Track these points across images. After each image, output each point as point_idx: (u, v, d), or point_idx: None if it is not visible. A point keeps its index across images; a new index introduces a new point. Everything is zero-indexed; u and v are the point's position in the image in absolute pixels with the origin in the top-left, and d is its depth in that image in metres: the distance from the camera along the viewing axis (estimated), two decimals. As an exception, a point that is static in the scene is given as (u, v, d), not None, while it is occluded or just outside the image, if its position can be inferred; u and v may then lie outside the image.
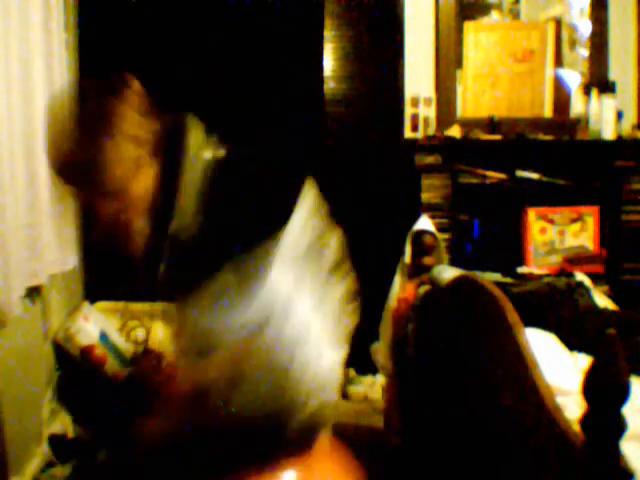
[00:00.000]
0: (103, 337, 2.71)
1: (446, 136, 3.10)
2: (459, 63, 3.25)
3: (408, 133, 3.22)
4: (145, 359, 2.83)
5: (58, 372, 2.60)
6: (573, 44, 3.33)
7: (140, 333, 3.02)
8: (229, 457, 0.97)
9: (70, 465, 2.25)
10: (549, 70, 3.28)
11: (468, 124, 3.16)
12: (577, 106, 3.28)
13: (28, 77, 2.12)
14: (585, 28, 3.29)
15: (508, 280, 2.48)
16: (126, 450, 1.06)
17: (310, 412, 0.97)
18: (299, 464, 1.03)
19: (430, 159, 3.07)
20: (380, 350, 2.37)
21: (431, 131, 3.17)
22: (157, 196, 1.07)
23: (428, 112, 3.21)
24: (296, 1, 3.11)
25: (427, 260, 2.16)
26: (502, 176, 3.09)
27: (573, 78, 3.32)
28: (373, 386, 3.06)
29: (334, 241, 1.08)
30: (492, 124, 3.15)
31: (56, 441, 2.37)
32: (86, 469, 2.15)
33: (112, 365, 2.69)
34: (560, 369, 1.51)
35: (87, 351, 2.63)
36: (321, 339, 1.01)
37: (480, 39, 3.25)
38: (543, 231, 3.17)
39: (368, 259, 3.27)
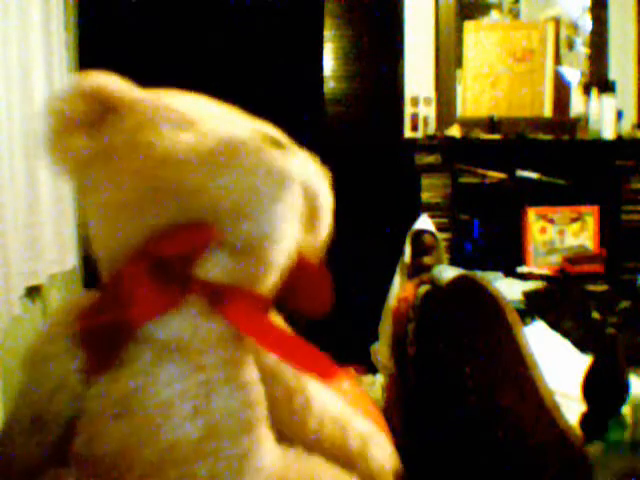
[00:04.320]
0: (103, 337, 2.70)
1: (446, 136, 3.10)
2: (459, 63, 3.25)
3: (408, 133, 3.22)
4: None
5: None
6: (573, 44, 3.33)
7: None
8: None
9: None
10: (549, 70, 3.28)
11: (468, 124, 3.17)
12: (577, 106, 3.29)
13: (28, 77, 2.12)
14: (585, 28, 3.29)
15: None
16: None
17: None
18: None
19: (430, 159, 3.08)
20: (380, 350, 2.37)
21: (431, 131, 3.17)
22: None
23: (428, 112, 3.21)
24: (296, 1, 3.11)
25: (427, 260, 2.16)
26: (502, 176, 3.09)
27: (573, 77, 3.33)
28: (373, 386, 3.06)
29: None
30: (492, 124, 3.15)
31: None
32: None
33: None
34: (571, 375, 1.50)
35: (87, 351, 2.63)
36: None
37: (480, 39, 3.26)
38: (543, 231, 3.17)
39: (368, 259, 3.27)
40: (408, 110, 3.23)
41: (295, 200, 0.93)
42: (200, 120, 0.94)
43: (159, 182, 0.88)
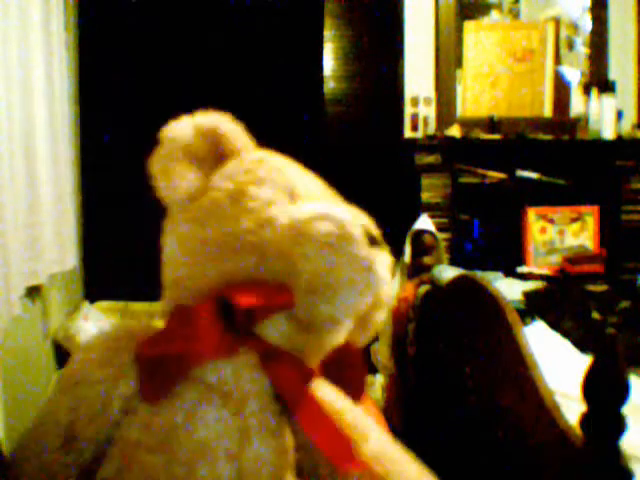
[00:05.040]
0: (103, 337, 2.70)
1: (446, 136, 3.10)
2: (459, 63, 3.25)
3: (408, 133, 3.22)
4: None
5: (58, 372, 2.60)
6: (573, 44, 3.33)
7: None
8: None
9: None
10: (549, 70, 3.28)
11: (468, 124, 3.17)
12: (577, 106, 3.29)
13: (28, 77, 2.12)
14: (585, 27, 3.29)
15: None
16: None
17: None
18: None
19: (430, 159, 3.08)
20: (380, 350, 2.37)
21: (431, 131, 3.17)
22: None
23: (428, 112, 3.21)
24: (296, 1, 3.11)
25: (427, 260, 2.16)
26: (502, 176, 3.10)
27: (573, 77, 3.33)
28: (373, 386, 3.06)
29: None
30: (492, 124, 3.15)
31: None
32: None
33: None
34: (571, 375, 1.50)
35: (87, 351, 2.63)
36: None
37: (480, 39, 3.26)
38: (543, 231, 3.17)
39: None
40: (408, 110, 3.23)
41: (371, 297, 0.95)
42: (305, 195, 0.98)
43: (249, 236, 0.92)
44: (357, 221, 0.95)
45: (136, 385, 0.93)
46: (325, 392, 0.98)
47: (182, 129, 0.98)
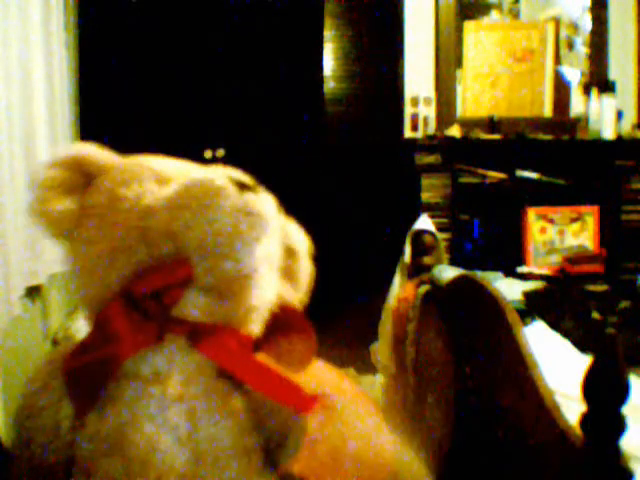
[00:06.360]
0: (103, 337, 2.70)
1: (446, 136, 3.10)
2: (459, 63, 3.25)
3: (408, 133, 3.22)
4: None
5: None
6: (573, 44, 3.34)
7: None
8: None
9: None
10: (549, 70, 3.28)
11: (468, 124, 3.17)
12: (577, 106, 3.29)
13: (28, 77, 2.12)
14: (585, 27, 3.29)
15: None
16: None
17: None
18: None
19: (430, 159, 3.08)
20: (380, 350, 2.37)
21: (431, 131, 3.17)
22: None
23: (428, 112, 3.21)
24: (296, 1, 3.11)
25: (427, 260, 2.16)
26: (502, 176, 3.10)
27: (573, 77, 3.33)
28: (373, 386, 3.06)
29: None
30: (492, 124, 3.15)
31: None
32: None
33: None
34: (571, 375, 1.50)
35: (87, 351, 2.62)
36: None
37: (480, 39, 3.26)
38: (543, 231, 3.17)
39: (368, 259, 3.28)
40: (408, 110, 3.23)
41: (272, 244, 0.97)
42: (174, 175, 0.99)
43: (136, 230, 0.93)
44: (221, 175, 0.95)
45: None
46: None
47: (46, 170, 1.03)
